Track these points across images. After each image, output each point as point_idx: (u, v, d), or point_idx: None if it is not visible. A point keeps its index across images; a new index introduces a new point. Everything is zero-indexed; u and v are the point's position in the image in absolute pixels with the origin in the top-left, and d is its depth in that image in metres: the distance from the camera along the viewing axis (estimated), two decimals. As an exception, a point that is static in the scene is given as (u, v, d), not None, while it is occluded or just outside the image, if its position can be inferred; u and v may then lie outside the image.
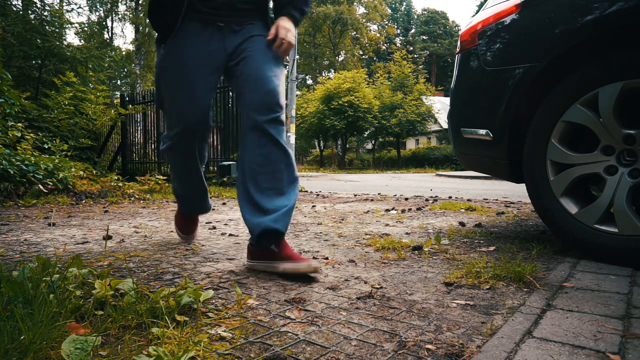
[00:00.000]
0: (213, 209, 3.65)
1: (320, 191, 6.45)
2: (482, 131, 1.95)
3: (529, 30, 1.76)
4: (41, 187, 4.33)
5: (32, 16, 9.91)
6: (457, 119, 2.15)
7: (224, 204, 4.26)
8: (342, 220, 2.99)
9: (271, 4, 1.65)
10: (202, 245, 2.00)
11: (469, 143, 2.08)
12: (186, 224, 2.08)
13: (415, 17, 60.91)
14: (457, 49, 2.19)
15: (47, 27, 9.74)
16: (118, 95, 9.37)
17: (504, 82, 1.80)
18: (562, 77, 1.67)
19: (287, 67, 7.87)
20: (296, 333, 0.94)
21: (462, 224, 2.67)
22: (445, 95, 34.92)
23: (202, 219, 3.06)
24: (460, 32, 2.22)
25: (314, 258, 1.71)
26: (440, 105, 28.51)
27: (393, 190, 6.81)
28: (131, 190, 5.07)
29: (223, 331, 0.93)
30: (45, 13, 10.13)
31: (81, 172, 5.26)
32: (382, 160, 29.20)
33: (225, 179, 6.34)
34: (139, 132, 8.78)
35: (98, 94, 7.63)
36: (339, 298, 1.20)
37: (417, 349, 0.85)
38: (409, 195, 5.47)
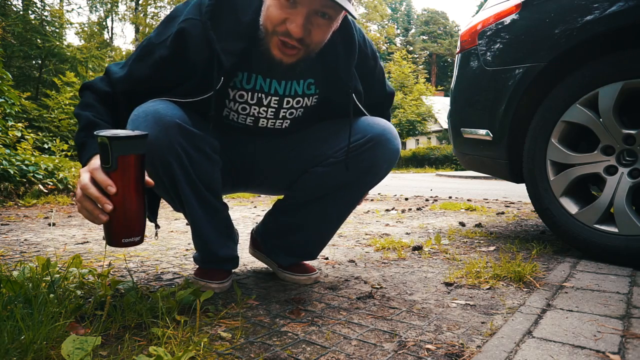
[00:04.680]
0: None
1: (320, 191, 6.44)
2: (482, 131, 1.95)
3: (529, 30, 1.76)
4: (41, 187, 4.33)
5: (32, 16, 9.92)
6: (457, 119, 2.15)
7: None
8: (342, 220, 2.99)
9: None
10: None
11: (469, 143, 2.08)
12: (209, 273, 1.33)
13: (415, 17, 60.97)
14: (457, 49, 2.19)
15: (47, 27, 9.76)
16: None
17: (504, 82, 1.80)
18: (562, 77, 1.67)
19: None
20: (296, 333, 0.94)
21: (462, 224, 2.67)
22: (445, 95, 34.92)
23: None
24: (460, 32, 2.22)
25: (314, 258, 1.71)
26: (440, 105, 28.53)
27: (393, 190, 6.81)
28: (131, 190, 5.05)
29: (223, 331, 0.93)
30: (46, 13, 10.14)
31: (81, 172, 5.24)
32: (382, 160, 29.11)
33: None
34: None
35: (98, 94, 7.60)
36: (338, 298, 1.20)
37: (417, 349, 0.85)
38: (409, 195, 5.47)
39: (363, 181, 1.24)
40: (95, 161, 0.89)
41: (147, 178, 0.91)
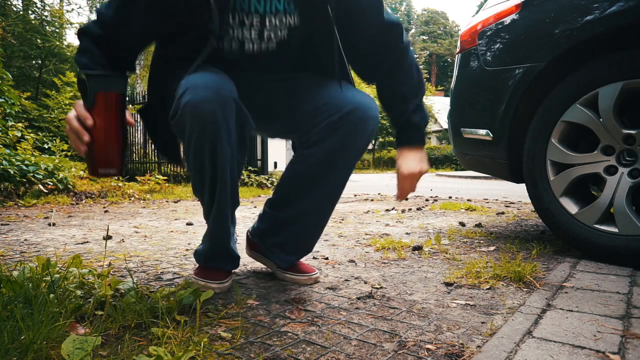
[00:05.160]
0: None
1: (320, 191, 6.44)
2: (482, 131, 1.95)
3: (529, 30, 1.76)
4: (41, 187, 4.33)
5: (32, 16, 9.93)
6: (457, 119, 2.15)
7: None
8: (342, 220, 2.99)
9: None
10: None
11: (469, 143, 2.08)
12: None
13: (415, 17, 61.00)
14: (457, 49, 2.19)
15: (47, 27, 9.76)
16: (118, 95, 9.35)
17: (504, 82, 1.80)
18: (562, 77, 1.67)
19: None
20: (296, 333, 0.94)
21: (462, 224, 2.67)
22: (445, 95, 34.91)
23: (200, 218, 3.06)
24: (460, 32, 2.22)
25: (313, 258, 1.71)
26: (440, 105, 28.49)
27: (393, 190, 6.81)
28: (131, 190, 5.07)
29: (223, 331, 0.93)
30: (46, 13, 10.14)
31: (81, 172, 5.26)
32: (382, 160, 29.20)
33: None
34: (139, 132, 8.78)
35: (98, 94, 7.60)
36: (339, 298, 1.20)
37: (417, 349, 0.85)
38: (409, 195, 5.47)
39: (345, 157, 1.23)
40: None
41: (128, 118, 0.99)
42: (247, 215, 3.29)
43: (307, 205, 1.28)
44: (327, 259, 1.72)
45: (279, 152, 17.40)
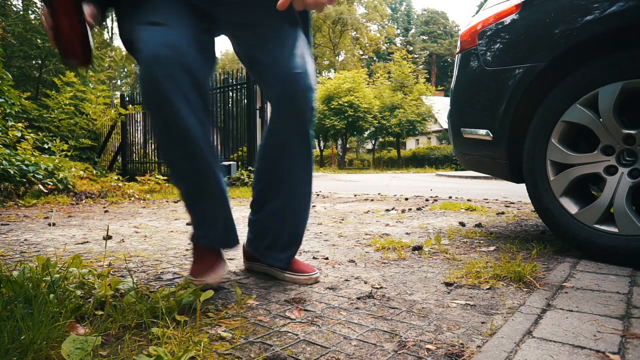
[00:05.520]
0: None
1: (320, 191, 6.46)
2: (482, 131, 1.95)
3: (529, 30, 1.76)
4: (41, 187, 4.33)
5: (32, 16, 9.92)
6: (457, 119, 2.15)
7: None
8: (342, 220, 2.99)
9: None
10: (202, 245, 2.00)
11: (469, 143, 2.08)
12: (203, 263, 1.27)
13: (415, 17, 61.00)
14: (457, 49, 2.19)
15: (47, 27, 9.74)
16: (118, 95, 9.39)
17: (504, 82, 1.80)
18: (562, 77, 1.67)
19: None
20: (296, 333, 0.94)
21: (462, 224, 2.67)
22: (445, 95, 34.93)
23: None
24: (460, 32, 2.22)
25: (313, 258, 1.72)
26: (440, 105, 28.52)
27: (393, 190, 6.81)
28: (131, 190, 5.07)
29: (223, 331, 0.93)
30: (46, 13, 10.13)
31: (81, 172, 5.26)
32: (382, 160, 29.23)
33: (225, 179, 6.34)
34: (139, 132, 8.78)
35: (98, 94, 7.63)
36: (339, 298, 1.20)
37: (417, 349, 0.85)
38: (409, 195, 5.47)
39: (295, 135, 1.26)
40: None
41: (87, 18, 1.13)
42: (247, 215, 3.29)
43: (281, 197, 1.32)
44: (327, 259, 1.72)
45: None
